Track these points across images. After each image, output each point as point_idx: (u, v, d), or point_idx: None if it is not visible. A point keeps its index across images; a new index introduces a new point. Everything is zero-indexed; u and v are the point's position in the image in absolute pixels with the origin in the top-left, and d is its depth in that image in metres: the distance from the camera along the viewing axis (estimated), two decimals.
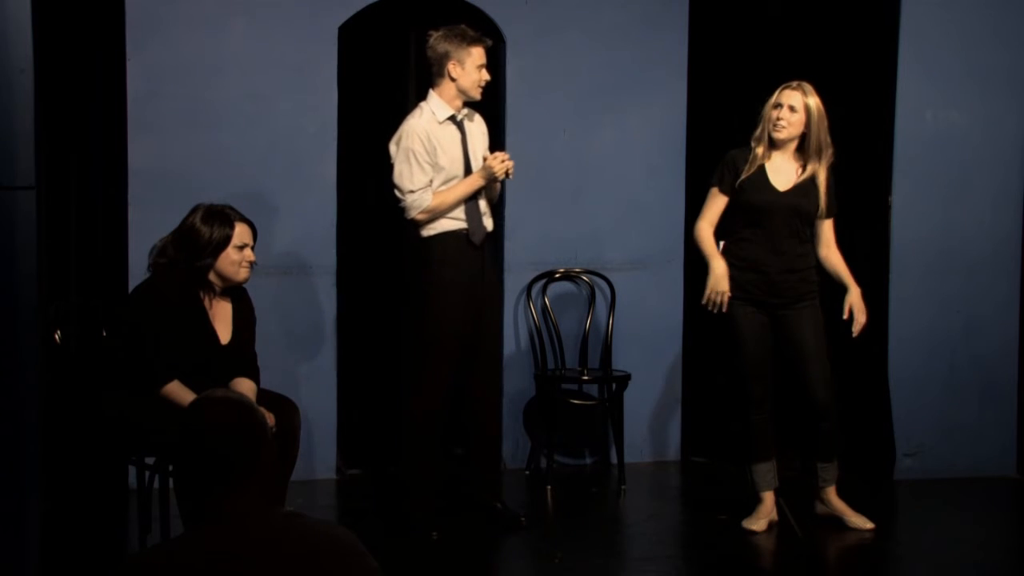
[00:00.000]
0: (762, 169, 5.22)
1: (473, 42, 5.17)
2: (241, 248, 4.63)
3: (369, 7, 6.04)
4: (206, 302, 4.65)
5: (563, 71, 6.27)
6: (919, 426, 6.16)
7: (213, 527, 2.49)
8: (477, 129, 5.35)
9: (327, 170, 6.02)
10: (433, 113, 5.19)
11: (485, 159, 5.19)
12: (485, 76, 5.21)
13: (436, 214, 5.16)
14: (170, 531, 4.62)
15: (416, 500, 5.26)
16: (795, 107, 5.15)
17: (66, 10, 5.70)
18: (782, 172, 5.22)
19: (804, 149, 5.19)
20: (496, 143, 6.32)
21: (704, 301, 5.24)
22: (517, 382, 6.31)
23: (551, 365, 6.28)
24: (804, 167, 5.20)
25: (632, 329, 6.38)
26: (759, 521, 5.30)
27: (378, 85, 6.34)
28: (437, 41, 5.19)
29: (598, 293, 6.38)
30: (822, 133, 5.16)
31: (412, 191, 5.13)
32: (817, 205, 5.19)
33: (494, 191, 5.34)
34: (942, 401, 6.19)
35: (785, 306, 5.22)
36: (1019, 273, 6.24)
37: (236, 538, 2.46)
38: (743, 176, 5.21)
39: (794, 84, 5.20)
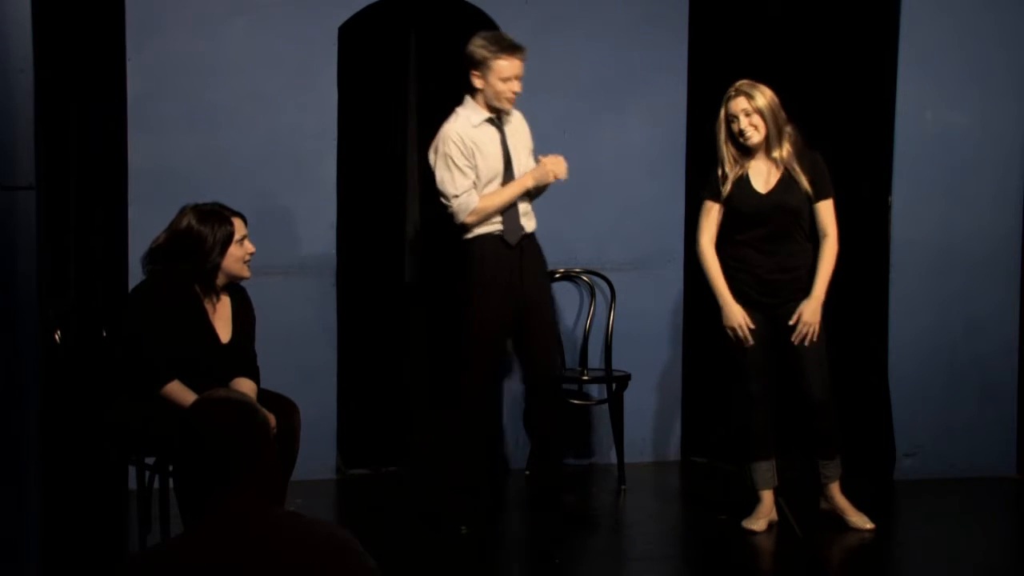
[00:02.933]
0: (743, 178, 5.20)
1: (500, 54, 5.13)
2: (241, 242, 4.64)
3: (369, 7, 6.04)
4: (206, 302, 4.65)
5: (563, 71, 6.27)
6: (919, 426, 6.16)
7: (212, 526, 2.49)
8: (517, 127, 5.34)
9: (327, 170, 6.02)
10: (467, 118, 5.22)
11: (539, 159, 5.19)
12: (512, 88, 5.17)
13: (485, 216, 5.19)
14: (170, 531, 4.61)
15: (450, 496, 5.33)
16: (748, 111, 5.13)
17: (66, 10, 5.70)
18: (762, 174, 5.19)
19: (769, 145, 5.17)
20: None
21: (732, 337, 5.24)
22: (517, 382, 6.31)
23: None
24: (778, 162, 5.17)
25: (632, 329, 6.37)
26: (759, 521, 5.30)
27: (378, 85, 6.34)
28: (469, 47, 5.20)
29: (598, 293, 6.38)
30: (779, 123, 5.13)
31: (456, 195, 5.16)
32: (801, 196, 5.14)
33: (538, 191, 5.37)
34: (942, 401, 6.18)
35: (781, 305, 5.21)
36: (1019, 273, 6.24)
37: (235, 537, 2.46)
38: (725, 191, 5.19)
39: (732, 93, 5.17)
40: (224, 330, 4.69)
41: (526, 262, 5.31)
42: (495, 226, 5.24)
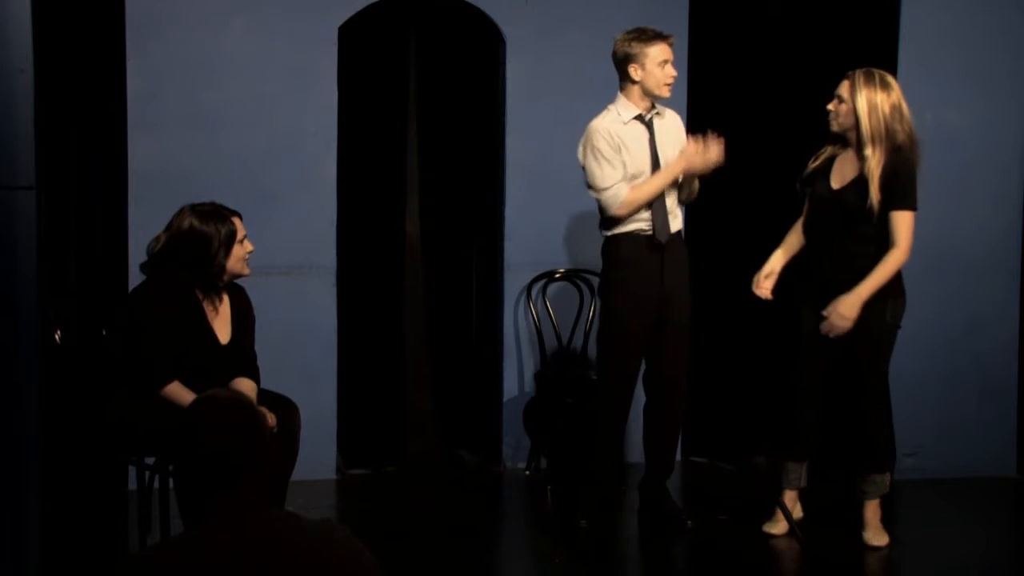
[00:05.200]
0: (829, 164, 5.05)
1: (651, 40, 5.15)
2: (242, 241, 4.64)
3: (369, 7, 6.04)
4: (206, 304, 4.64)
5: (563, 71, 6.27)
6: (919, 426, 6.16)
7: (212, 526, 2.49)
8: (669, 126, 5.32)
9: (327, 170, 6.02)
10: (618, 114, 5.22)
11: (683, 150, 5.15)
12: (670, 72, 5.17)
13: (636, 207, 5.15)
14: (170, 531, 4.62)
15: (567, 490, 5.40)
16: (843, 97, 4.97)
17: (66, 10, 5.70)
18: (845, 169, 5.02)
19: (861, 143, 4.96)
20: (496, 143, 6.34)
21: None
22: (517, 381, 6.31)
23: (551, 365, 6.27)
24: (863, 162, 4.95)
25: None
26: (778, 524, 5.27)
27: (378, 85, 6.34)
28: (618, 45, 5.20)
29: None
30: (873, 124, 4.90)
31: (605, 188, 5.15)
32: (866, 203, 4.89)
33: (692, 190, 5.32)
34: (942, 401, 6.19)
35: None
36: (1019, 273, 6.24)
37: (235, 537, 2.47)
38: (809, 169, 5.08)
39: (850, 73, 5.00)
40: (224, 331, 4.69)
41: (669, 261, 5.26)
42: (641, 224, 5.21)
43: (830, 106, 5.02)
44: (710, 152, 5.13)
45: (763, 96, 6.36)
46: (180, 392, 4.51)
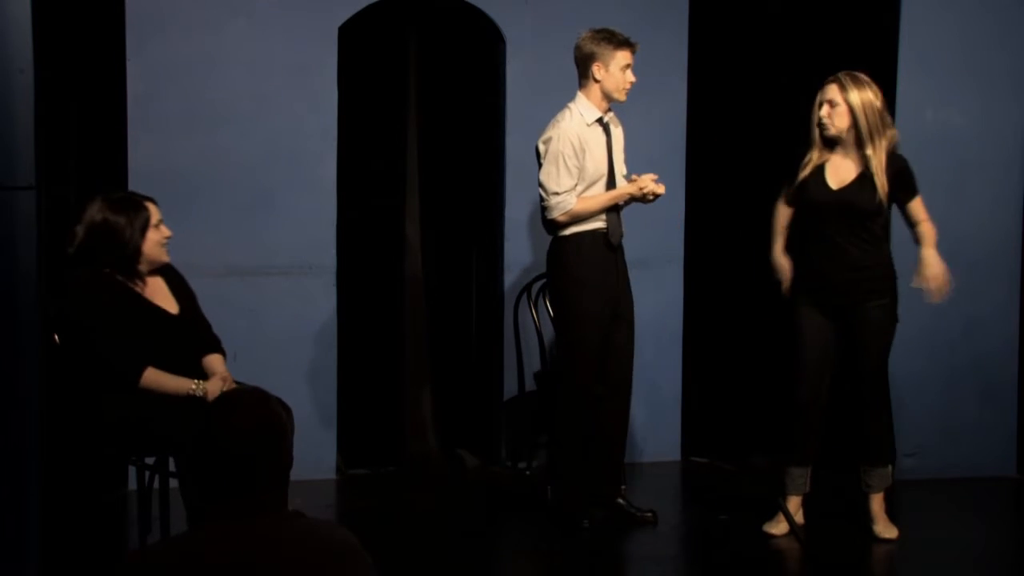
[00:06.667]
0: (820, 169, 5.09)
1: (619, 45, 5.21)
2: (157, 226, 4.60)
3: (369, 7, 6.04)
4: (137, 287, 4.60)
5: (563, 71, 6.24)
6: (919, 426, 6.16)
7: (216, 525, 2.49)
8: (618, 134, 5.39)
9: (327, 170, 6.02)
10: (582, 115, 5.25)
11: (634, 178, 5.22)
12: (630, 78, 5.25)
13: (576, 218, 5.21)
14: (170, 531, 4.61)
15: (568, 491, 5.32)
16: (835, 101, 5.02)
17: (66, 10, 5.70)
18: (840, 170, 5.07)
19: (860, 141, 5.04)
20: (496, 143, 6.34)
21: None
22: (517, 382, 6.31)
23: (551, 365, 6.27)
24: (863, 161, 5.04)
25: None
26: (779, 524, 5.27)
27: (378, 85, 6.34)
28: (583, 42, 5.25)
29: None
30: (871, 120, 4.99)
31: (557, 193, 5.20)
32: (873, 199, 5.00)
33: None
34: (942, 401, 6.19)
35: (853, 306, 5.09)
36: (1019, 273, 6.24)
37: (237, 537, 2.46)
38: (800, 178, 5.11)
39: (832, 78, 5.06)
40: (169, 304, 4.65)
41: (620, 263, 5.35)
42: (599, 223, 5.25)
43: (822, 112, 5.06)
44: (657, 187, 5.23)
45: (763, 96, 6.36)
46: (158, 377, 4.46)
